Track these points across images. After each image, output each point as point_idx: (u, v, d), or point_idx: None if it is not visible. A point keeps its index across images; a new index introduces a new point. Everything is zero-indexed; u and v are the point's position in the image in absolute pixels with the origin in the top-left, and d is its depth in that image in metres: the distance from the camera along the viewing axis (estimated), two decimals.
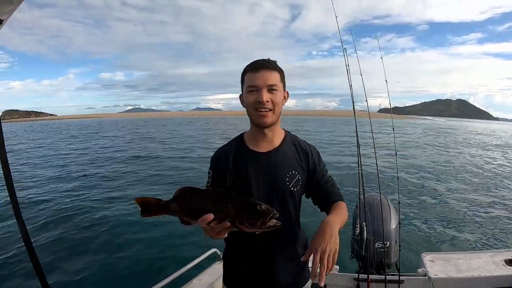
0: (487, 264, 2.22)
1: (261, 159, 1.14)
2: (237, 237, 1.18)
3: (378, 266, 2.27)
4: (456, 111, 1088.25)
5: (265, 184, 1.12)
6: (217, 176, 1.16)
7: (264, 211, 0.83)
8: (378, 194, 2.32)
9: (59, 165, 12.52)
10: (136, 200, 0.86)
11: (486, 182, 9.40)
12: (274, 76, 1.08)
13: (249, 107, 1.10)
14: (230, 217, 0.82)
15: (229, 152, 1.18)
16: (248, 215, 0.82)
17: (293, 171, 1.14)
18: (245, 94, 1.11)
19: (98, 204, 7.02)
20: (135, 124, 52.23)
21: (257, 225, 0.83)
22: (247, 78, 1.10)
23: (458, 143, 22.80)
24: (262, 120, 1.09)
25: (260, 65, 1.08)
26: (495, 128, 66.89)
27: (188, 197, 0.85)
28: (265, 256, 1.15)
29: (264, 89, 1.06)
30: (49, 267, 3.95)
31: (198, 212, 0.82)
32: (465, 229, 5.46)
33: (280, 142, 1.18)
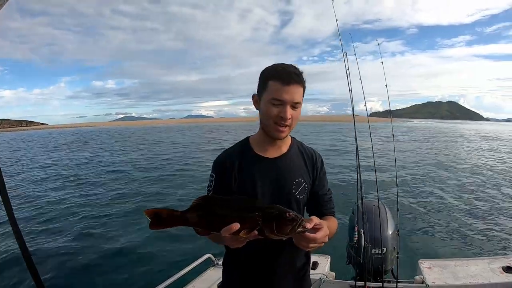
0: (485, 271, 2.21)
1: (268, 165, 1.10)
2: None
3: (375, 273, 2.25)
4: (447, 113, 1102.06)
5: (270, 190, 1.08)
6: (220, 181, 1.11)
7: (293, 218, 0.81)
8: (376, 200, 2.30)
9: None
10: (146, 212, 0.81)
11: (483, 187, 9.43)
12: (300, 91, 1.03)
13: (269, 118, 1.04)
14: (258, 225, 0.80)
15: (234, 156, 1.13)
16: (277, 223, 0.80)
17: (299, 179, 1.11)
18: (266, 103, 1.04)
19: (84, 208, 6.95)
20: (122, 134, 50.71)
21: (287, 232, 0.81)
22: (273, 88, 1.01)
23: (453, 147, 22.97)
24: (278, 134, 1.06)
25: (292, 79, 1.01)
26: (490, 129, 67.30)
27: (208, 206, 0.82)
28: (266, 263, 1.11)
29: (289, 105, 1.01)
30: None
31: (221, 221, 0.79)
32: (462, 236, 5.44)
33: (288, 149, 1.15)
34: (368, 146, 2.18)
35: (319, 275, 2.21)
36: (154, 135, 43.55)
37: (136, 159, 16.09)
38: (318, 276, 2.19)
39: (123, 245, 4.90)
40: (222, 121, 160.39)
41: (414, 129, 59.07)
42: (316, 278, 2.17)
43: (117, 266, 4.33)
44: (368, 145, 2.18)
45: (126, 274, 4.11)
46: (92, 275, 4.10)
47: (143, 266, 4.27)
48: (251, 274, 1.13)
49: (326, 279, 2.20)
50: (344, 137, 29.32)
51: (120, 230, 5.49)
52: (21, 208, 7.11)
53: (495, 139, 32.56)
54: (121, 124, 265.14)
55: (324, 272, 2.27)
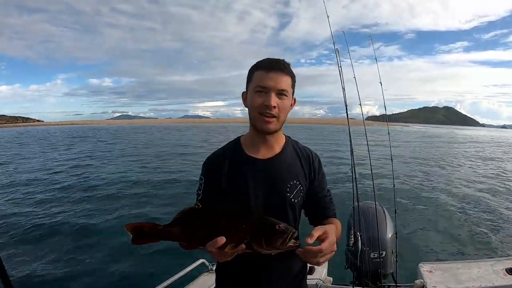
0: (488, 273, 2.16)
1: (260, 167, 1.04)
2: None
3: (374, 277, 2.19)
4: (443, 118, 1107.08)
5: (263, 194, 1.02)
6: (209, 184, 1.05)
7: (284, 231, 0.75)
8: (373, 202, 2.25)
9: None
10: (126, 227, 0.76)
11: (485, 190, 9.37)
12: (286, 80, 0.99)
13: (254, 109, 1.00)
14: (246, 239, 0.75)
15: (224, 158, 1.07)
16: (266, 236, 0.75)
17: (294, 181, 1.04)
18: (251, 93, 1.00)
19: (73, 213, 6.88)
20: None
21: (277, 246, 0.75)
22: (256, 76, 0.99)
23: (453, 152, 22.91)
24: (265, 126, 0.99)
25: (274, 65, 0.98)
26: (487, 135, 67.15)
27: (193, 219, 0.77)
28: (261, 270, 1.05)
29: (274, 92, 0.97)
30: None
31: (207, 235, 0.74)
32: (463, 238, 5.35)
33: (281, 149, 1.08)
34: (364, 148, 2.14)
35: (316, 280, 2.16)
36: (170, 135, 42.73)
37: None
38: (314, 282, 2.14)
39: (115, 249, 4.83)
40: (219, 122, 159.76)
41: (410, 133, 59.15)
42: (313, 283, 2.11)
43: (109, 270, 4.26)
44: (364, 148, 2.14)
45: (118, 278, 4.04)
46: (84, 279, 4.02)
47: (136, 270, 4.19)
48: (244, 280, 1.07)
49: (323, 284, 2.14)
50: (340, 139, 29.38)
51: (112, 233, 5.40)
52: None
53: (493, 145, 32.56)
54: (118, 122, 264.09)
55: (321, 277, 2.22)
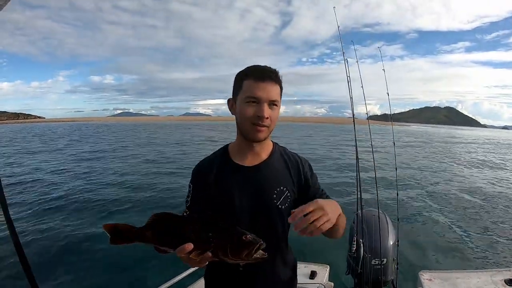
0: (487, 284, 2.17)
1: (246, 174, 1.04)
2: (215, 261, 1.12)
3: (375, 284, 2.21)
4: (444, 119, 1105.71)
5: (249, 201, 1.02)
6: (197, 191, 1.06)
7: (251, 241, 0.75)
8: (376, 210, 2.27)
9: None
10: (104, 226, 0.78)
11: (487, 199, 9.34)
12: (276, 90, 0.99)
13: (246, 120, 0.99)
14: (211, 247, 0.75)
15: (212, 166, 1.07)
16: (232, 246, 0.75)
17: (281, 187, 1.04)
18: (242, 103, 0.99)
19: (72, 213, 6.88)
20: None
21: (242, 257, 0.75)
22: (247, 86, 0.97)
23: (458, 156, 22.84)
24: (257, 135, 0.99)
25: (266, 75, 0.97)
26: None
27: (164, 224, 0.78)
28: (248, 278, 1.04)
29: (266, 103, 0.96)
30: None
31: (176, 241, 0.75)
32: (464, 248, 5.35)
33: (268, 155, 1.08)
34: (368, 155, 2.15)
35: (317, 284, 2.18)
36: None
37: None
38: (316, 286, 2.16)
39: (120, 247, 4.83)
40: (221, 120, 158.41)
41: (412, 133, 59.02)
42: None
43: (114, 268, 4.28)
44: (367, 154, 2.15)
45: (123, 277, 4.06)
46: (86, 277, 4.04)
47: (140, 269, 4.20)
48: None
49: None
50: (343, 140, 29.32)
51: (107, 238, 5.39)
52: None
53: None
54: (119, 120, 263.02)
55: (323, 282, 2.24)
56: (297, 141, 27.46)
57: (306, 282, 2.23)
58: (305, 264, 2.44)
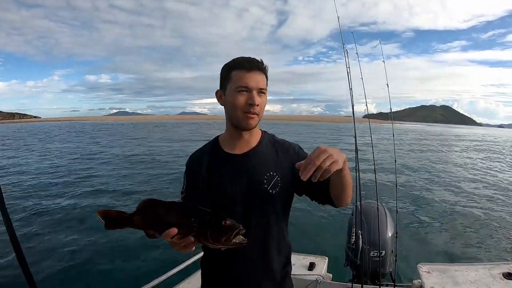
0: (485, 277, 2.18)
1: (237, 162, 1.07)
2: (209, 249, 1.13)
3: (373, 276, 2.22)
4: (440, 117, 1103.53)
5: (241, 188, 1.04)
6: (191, 182, 1.09)
7: (230, 226, 0.78)
8: (375, 202, 2.27)
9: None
10: (98, 212, 0.82)
11: (487, 193, 9.37)
12: (264, 79, 1.03)
13: (237, 108, 1.01)
14: (193, 231, 0.78)
15: (203, 156, 1.11)
16: (211, 230, 0.77)
17: (271, 172, 1.06)
18: (232, 93, 1.02)
19: (73, 203, 6.96)
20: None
21: (221, 242, 0.78)
22: (236, 76, 1.01)
23: (455, 151, 22.81)
24: (249, 122, 1.02)
25: (254, 65, 1.01)
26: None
27: (151, 210, 0.81)
28: (242, 265, 1.06)
29: (255, 91, 1.00)
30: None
31: (162, 226, 0.78)
32: (463, 240, 5.39)
33: (257, 143, 1.11)
34: (367, 146, 2.14)
35: (316, 276, 2.19)
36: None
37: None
38: (314, 277, 2.17)
39: (114, 243, 4.89)
40: (216, 118, 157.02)
41: (408, 131, 58.94)
42: (313, 279, 2.15)
43: (108, 264, 4.33)
44: (367, 146, 2.14)
45: (117, 272, 4.11)
46: (81, 273, 4.09)
47: (134, 265, 4.26)
48: (226, 277, 1.09)
49: (323, 280, 2.18)
50: (341, 136, 29.23)
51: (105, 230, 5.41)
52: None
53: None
54: (115, 119, 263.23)
55: (321, 273, 2.25)
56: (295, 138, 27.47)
57: (304, 273, 2.24)
58: (304, 256, 2.45)
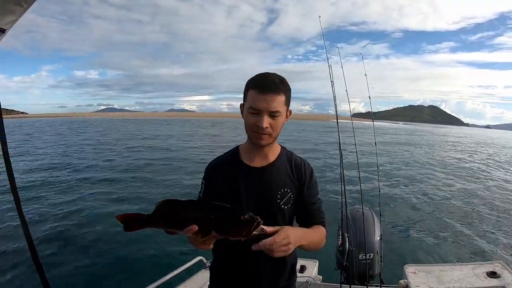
0: (469, 276, 2.26)
1: (254, 174, 1.11)
2: (224, 250, 1.18)
3: (362, 277, 2.30)
4: (428, 117, 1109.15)
5: (255, 200, 1.08)
6: (209, 187, 1.14)
7: (248, 220, 0.81)
8: (360, 207, 2.36)
9: None
10: (117, 217, 0.86)
11: (470, 193, 9.46)
12: (279, 101, 1.02)
13: (248, 127, 1.06)
14: (214, 227, 0.82)
15: (222, 164, 1.15)
16: (231, 225, 0.82)
17: (285, 189, 1.11)
18: (246, 112, 1.05)
19: (74, 207, 6.97)
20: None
21: (242, 235, 0.82)
22: (250, 96, 1.03)
23: (439, 149, 22.93)
24: (258, 142, 1.06)
25: (267, 87, 1.01)
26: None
27: (170, 209, 0.85)
28: (251, 271, 1.12)
29: (266, 114, 1.01)
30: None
31: (182, 223, 0.82)
32: (447, 242, 5.49)
33: (275, 158, 1.15)
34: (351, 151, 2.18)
35: (306, 278, 2.27)
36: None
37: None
38: (305, 279, 2.25)
39: (115, 245, 4.92)
40: (206, 116, 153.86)
41: (398, 130, 59.12)
42: (303, 281, 2.23)
43: (107, 266, 4.35)
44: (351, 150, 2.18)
45: (117, 274, 4.13)
46: (79, 276, 4.10)
47: (134, 267, 4.29)
48: (235, 281, 1.15)
49: (313, 282, 2.26)
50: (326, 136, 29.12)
51: (111, 230, 5.47)
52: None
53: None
54: (103, 115, 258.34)
55: (311, 275, 2.33)
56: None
57: (299, 276, 2.33)
58: None
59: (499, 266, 2.35)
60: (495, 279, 2.21)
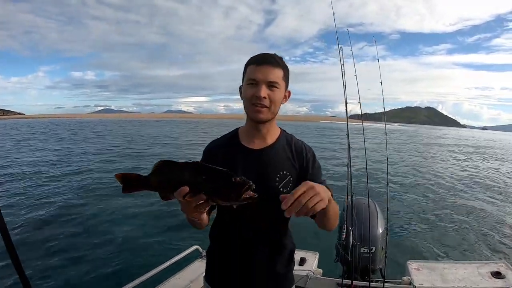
0: (473, 275, 2.20)
1: (252, 156, 1.10)
2: (220, 236, 1.17)
3: (363, 272, 2.24)
4: (425, 118, 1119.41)
5: (253, 182, 1.06)
6: None
7: (239, 182, 0.78)
8: (366, 198, 2.29)
9: None
10: (116, 176, 0.82)
11: (478, 192, 9.45)
12: (276, 73, 1.04)
13: (246, 100, 1.06)
14: (203, 189, 0.78)
15: (221, 146, 1.14)
16: (221, 187, 0.78)
17: (284, 171, 1.09)
18: (244, 86, 1.07)
19: (70, 197, 6.92)
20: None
21: (232, 198, 0.78)
22: (248, 70, 1.05)
23: (445, 150, 22.99)
24: (257, 115, 1.05)
25: (264, 59, 1.04)
26: None
27: (165, 171, 0.81)
28: (247, 256, 1.10)
29: (264, 84, 1.02)
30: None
31: (175, 185, 0.78)
32: (453, 239, 5.45)
33: (274, 140, 1.14)
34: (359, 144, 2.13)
35: (306, 271, 2.21)
36: None
37: None
38: (305, 272, 2.18)
39: (110, 236, 4.89)
40: (203, 117, 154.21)
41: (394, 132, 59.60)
42: (303, 274, 2.16)
43: (104, 256, 4.32)
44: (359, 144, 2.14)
45: (112, 264, 4.10)
46: (77, 265, 4.07)
47: (130, 257, 4.26)
48: (231, 266, 1.13)
49: (313, 276, 2.19)
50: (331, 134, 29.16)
51: (107, 220, 5.41)
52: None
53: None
54: (100, 116, 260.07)
55: (311, 269, 2.27)
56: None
57: (295, 268, 2.26)
58: (295, 251, 2.47)
59: (504, 266, 2.30)
60: (500, 280, 2.16)
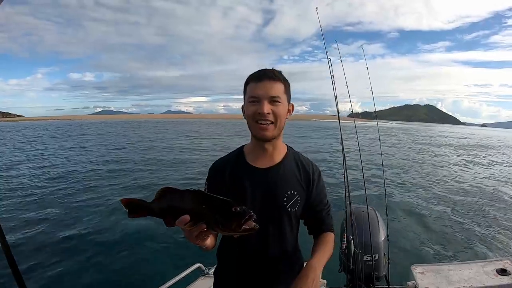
0: (478, 274, 2.20)
1: (259, 176, 1.07)
2: (227, 255, 1.15)
3: (367, 279, 2.22)
4: (424, 116, 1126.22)
5: (261, 202, 1.05)
6: (212, 188, 1.10)
7: (239, 213, 0.77)
8: (365, 206, 2.29)
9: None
10: (122, 201, 0.83)
11: (476, 191, 9.44)
12: (277, 87, 1.02)
13: (249, 118, 1.04)
14: (204, 218, 0.78)
15: (227, 165, 1.12)
16: (222, 216, 0.77)
17: (292, 191, 1.07)
18: (246, 105, 1.05)
19: (73, 213, 6.83)
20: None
21: (231, 228, 0.77)
22: (249, 88, 1.04)
23: (445, 149, 23.02)
24: (262, 133, 1.03)
25: (264, 75, 1.03)
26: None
27: (167, 198, 0.81)
28: (255, 277, 1.08)
29: (266, 100, 1.00)
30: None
31: (177, 213, 0.78)
32: (455, 240, 5.43)
33: (281, 159, 1.11)
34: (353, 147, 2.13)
35: None
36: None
37: None
38: None
39: (113, 253, 4.81)
40: (203, 117, 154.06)
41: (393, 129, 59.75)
42: None
43: (105, 273, 4.25)
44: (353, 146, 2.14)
45: (114, 282, 4.04)
46: (79, 282, 4.01)
47: (132, 275, 4.20)
48: (238, 286, 1.10)
49: None
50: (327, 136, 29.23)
51: (109, 236, 5.34)
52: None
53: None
54: (99, 118, 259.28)
55: None
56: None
57: None
58: None
59: (509, 263, 2.30)
60: (506, 277, 2.15)
